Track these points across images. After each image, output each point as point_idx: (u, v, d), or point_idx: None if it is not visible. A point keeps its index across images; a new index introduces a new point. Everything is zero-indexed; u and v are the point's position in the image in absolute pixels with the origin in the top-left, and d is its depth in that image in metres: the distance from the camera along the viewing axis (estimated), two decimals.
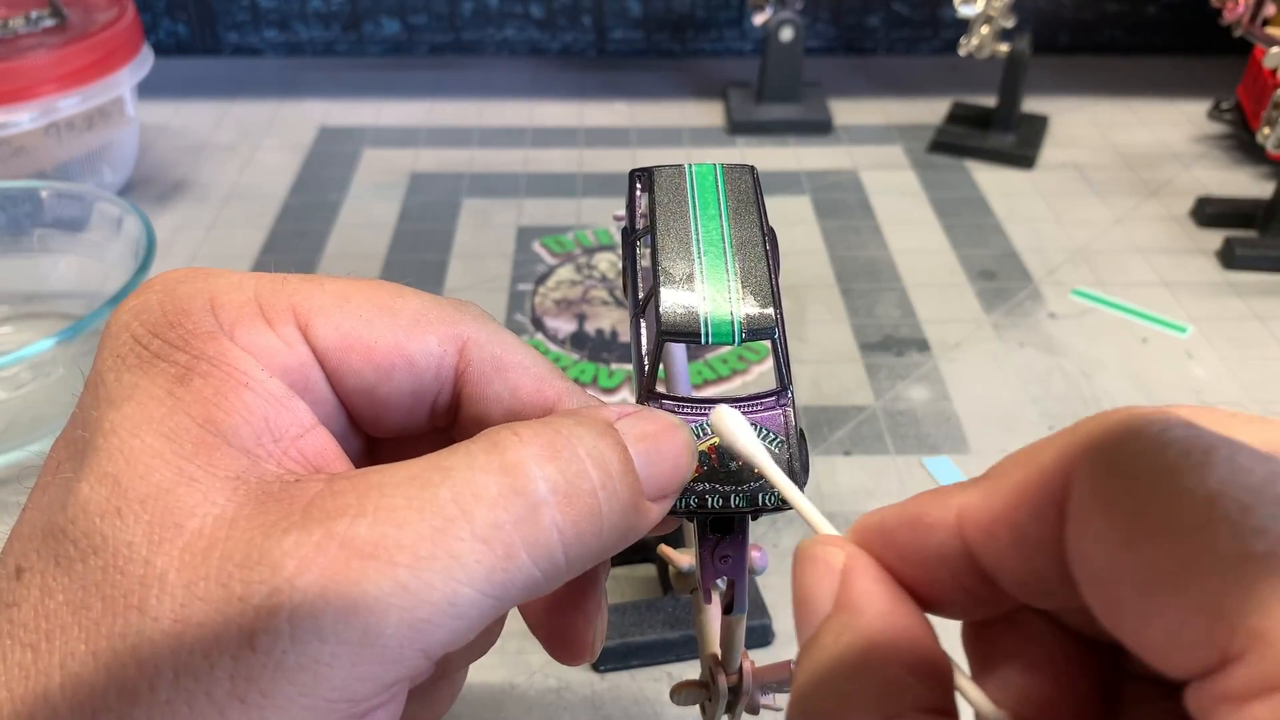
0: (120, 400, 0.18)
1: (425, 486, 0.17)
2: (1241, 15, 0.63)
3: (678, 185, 0.24)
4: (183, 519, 0.17)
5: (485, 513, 0.17)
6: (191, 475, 0.17)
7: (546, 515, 0.18)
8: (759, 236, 0.23)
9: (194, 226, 0.70)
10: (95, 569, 0.17)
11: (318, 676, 0.16)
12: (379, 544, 0.16)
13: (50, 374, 0.47)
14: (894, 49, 0.97)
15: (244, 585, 0.16)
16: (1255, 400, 0.54)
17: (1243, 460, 0.13)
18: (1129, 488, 0.14)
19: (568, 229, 0.69)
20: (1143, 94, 0.88)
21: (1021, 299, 0.63)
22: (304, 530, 0.17)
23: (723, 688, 0.28)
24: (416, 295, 0.22)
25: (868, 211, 0.72)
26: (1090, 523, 0.14)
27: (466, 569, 0.17)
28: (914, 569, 0.18)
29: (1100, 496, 0.14)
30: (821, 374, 0.56)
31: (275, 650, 0.16)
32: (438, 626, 0.17)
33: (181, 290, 0.20)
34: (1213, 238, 0.68)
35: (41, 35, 0.65)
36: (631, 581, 0.43)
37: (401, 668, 0.17)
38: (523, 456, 0.18)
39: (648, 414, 0.21)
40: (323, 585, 0.16)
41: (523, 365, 0.22)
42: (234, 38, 0.96)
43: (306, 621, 0.16)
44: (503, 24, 0.95)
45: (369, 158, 0.79)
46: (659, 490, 0.20)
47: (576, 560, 0.18)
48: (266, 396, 0.19)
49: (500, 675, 0.40)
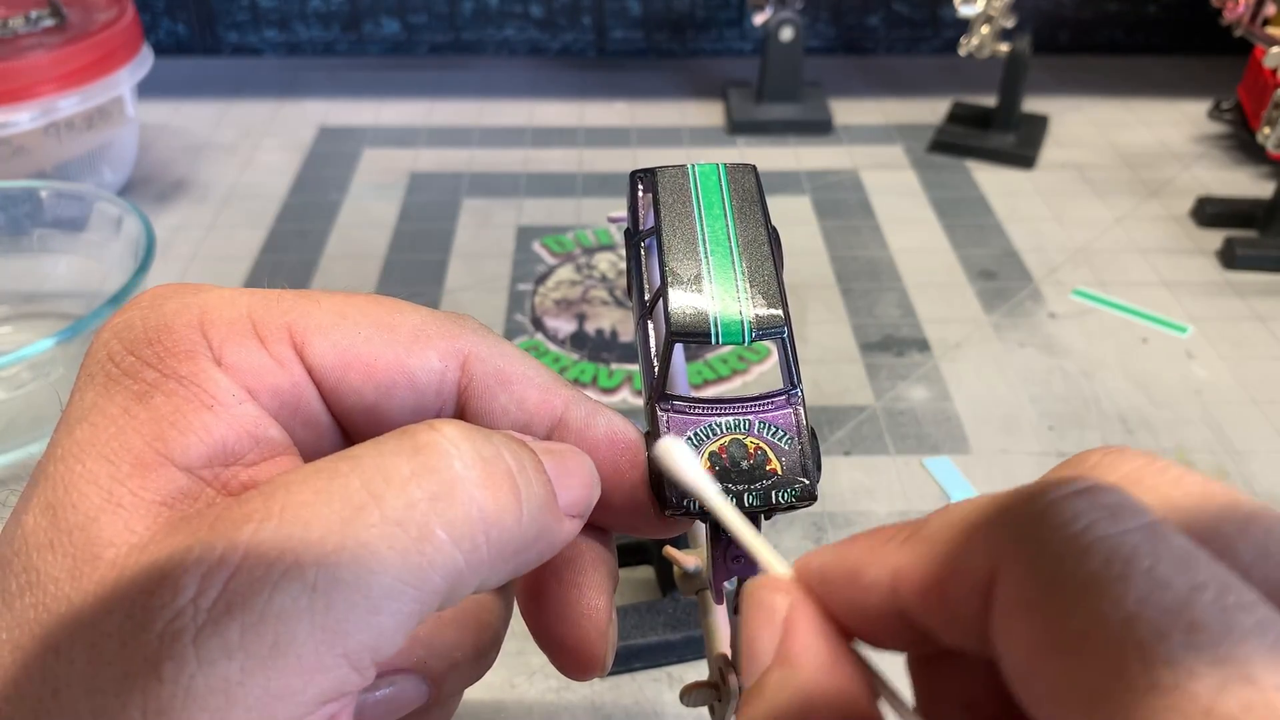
0: (75, 422, 0.18)
1: (333, 477, 0.17)
2: (1241, 15, 0.63)
3: (682, 186, 0.24)
4: (101, 550, 0.16)
5: (396, 493, 0.17)
6: (119, 500, 0.17)
7: (464, 490, 0.17)
8: (764, 236, 0.23)
9: (194, 226, 0.70)
10: (29, 607, 0.16)
11: (230, 699, 0.15)
12: (284, 545, 0.16)
13: (50, 374, 0.47)
14: (894, 49, 0.97)
15: (145, 612, 0.15)
16: (1255, 400, 0.54)
17: (1163, 572, 0.13)
18: (1049, 597, 0.14)
19: (568, 229, 0.69)
20: (1143, 94, 0.88)
21: (1022, 299, 0.63)
22: (207, 545, 0.16)
23: (734, 687, 0.28)
24: (415, 310, 0.21)
25: (868, 211, 0.72)
26: (1011, 623, 0.14)
27: (377, 556, 0.16)
28: (853, 618, 0.18)
29: (1021, 600, 0.14)
30: (821, 374, 0.56)
31: (183, 677, 0.15)
32: (354, 626, 0.16)
33: (168, 307, 0.20)
34: (1213, 238, 0.68)
35: (41, 35, 0.65)
36: (630, 583, 0.43)
37: (324, 679, 0.16)
38: (435, 437, 0.17)
39: (554, 443, 0.21)
40: (227, 600, 0.15)
41: (527, 376, 0.22)
42: (234, 38, 0.96)
43: (212, 639, 0.15)
44: (503, 24, 0.95)
45: (369, 158, 0.79)
46: (571, 505, 0.20)
47: (498, 545, 0.18)
48: (229, 420, 0.18)
49: (500, 675, 0.40)
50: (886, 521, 0.46)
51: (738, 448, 0.22)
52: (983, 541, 0.15)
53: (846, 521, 0.47)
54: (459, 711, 0.38)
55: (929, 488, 0.49)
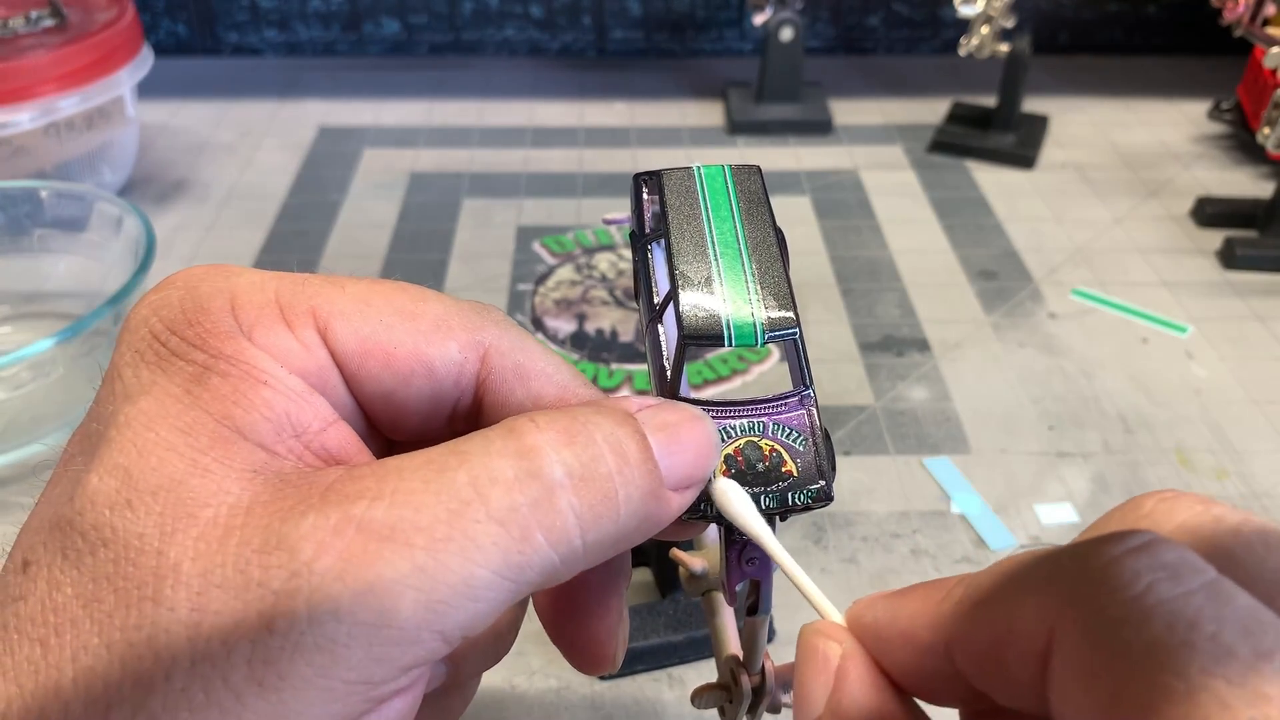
0: (136, 395, 0.18)
1: (442, 470, 0.17)
2: (1241, 15, 0.63)
3: (688, 188, 0.24)
4: (196, 509, 0.17)
5: (501, 495, 0.17)
6: (206, 467, 0.17)
7: (562, 499, 0.18)
8: (772, 237, 0.23)
9: (194, 226, 0.70)
10: (105, 561, 0.17)
11: (334, 657, 0.16)
12: (395, 526, 0.17)
13: (50, 374, 0.47)
14: (894, 49, 0.97)
15: (262, 570, 0.16)
16: (1255, 400, 0.54)
17: (1227, 638, 0.13)
18: (1110, 666, 0.14)
19: (568, 229, 0.69)
20: (1143, 94, 0.88)
21: (1021, 299, 0.63)
22: (321, 514, 0.17)
23: (746, 689, 0.28)
24: (439, 299, 0.22)
25: (868, 211, 0.72)
26: (1070, 691, 0.14)
27: (483, 551, 0.17)
28: (906, 674, 0.18)
29: (1080, 668, 0.14)
30: (821, 374, 0.56)
31: (293, 632, 0.16)
32: (454, 608, 0.17)
33: (203, 289, 0.20)
34: (1213, 238, 0.68)
35: (41, 35, 0.65)
36: (631, 587, 0.43)
37: (419, 650, 0.17)
38: (539, 441, 0.18)
39: (669, 405, 0.21)
40: (340, 568, 0.16)
41: (545, 373, 0.22)
42: (234, 38, 0.96)
43: (324, 604, 0.16)
44: (503, 24, 0.95)
45: (369, 158, 0.79)
46: (680, 480, 0.20)
47: (594, 545, 0.18)
48: (286, 393, 0.19)
49: (500, 675, 0.40)
50: (886, 522, 0.47)
51: (753, 450, 0.22)
52: (1037, 605, 0.15)
53: (846, 521, 0.47)
54: None
55: (929, 488, 0.49)
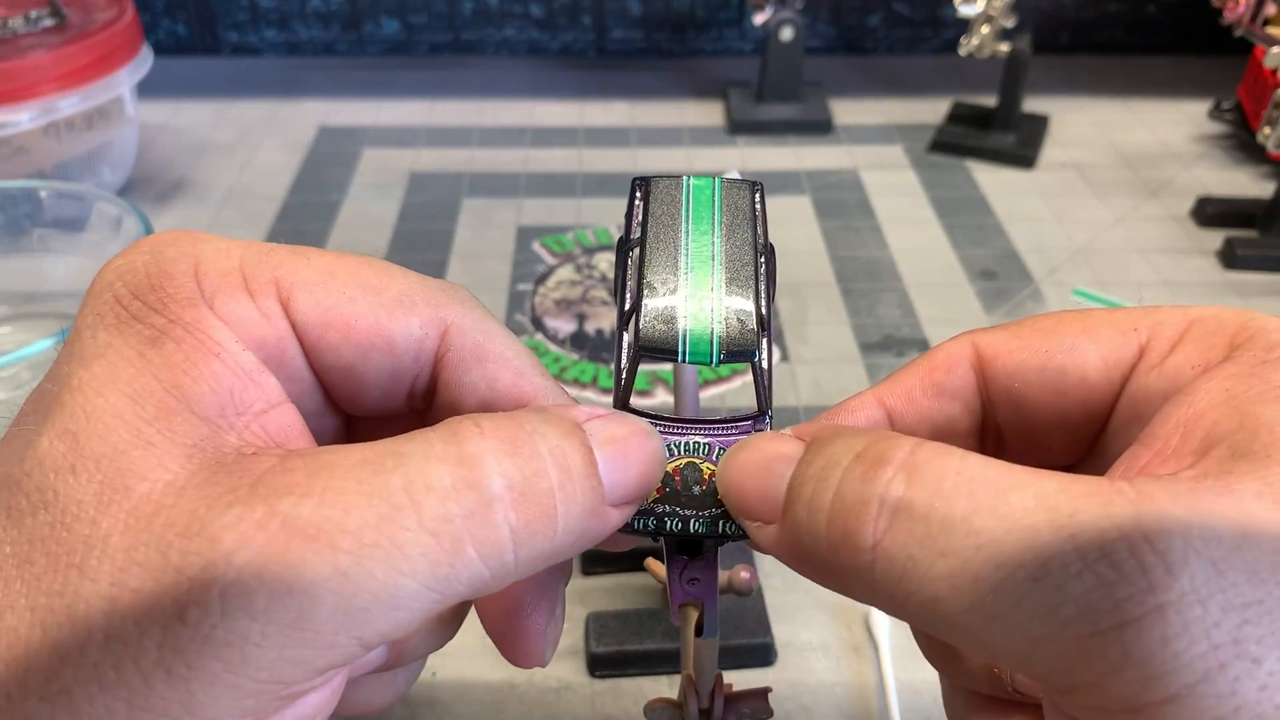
0: (91, 358, 0.18)
1: (377, 472, 0.17)
2: (1242, 15, 0.63)
3: (673, 197, 0.24)
4: (133, 482, 0.17)
5: (436, 504, 0.17)
6: (149, 439, 0.17)
7: (499, 512, 0.17)
8: (751, 255, 0.23)
9: (193, 226, 0.70)
10: (43, 524, 0.17)
11: (245, 655, 0.16)
12: (321, 527, 0.16)
13: None
14: (894, 49, 0.97)
15: (181, 555, 0.16)
16: None
17: None
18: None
19: (568, 229, 0.69)
20: (1143, 94, 0.88)
21: (1022, 299, 0.63)
22: (248, 505, 0.16)
23: (693, 712, 0.27)
24: (404, 275, 0.22)
25: (868, 211, 0.72)
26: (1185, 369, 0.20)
27: (410, 561, 0.16)
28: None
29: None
30: (821, 374, 0.56)
31: (204, 624, 0.16)
32: (375, 616, 0.16)
33: (168, 253, 0.20)
34: (1213, 238, 0.68)
35: (41, 35, 0.65)
36: (631, 590, 0.43)
37: (334, 654, 0.16)
38: (481, 449, 0.18)
39: (619, 418, 0.20)
40: (259, 563, 0.16)
41: (503, 357, 0.22)
42: (234, 37, 0.96)
43: (239, 599, 0.16)
44: (503, 24, 0.95)
45: (369, 157, 0.79)
46: (622, 497, 0.20)
47: (526, 560, 0.18)
48: (235, 369, 0.19)
49: (500, 675, 0.40)
50: None
51: (693, 471, 0.21)
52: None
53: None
54: (459, 711, 0.39)
55: None
